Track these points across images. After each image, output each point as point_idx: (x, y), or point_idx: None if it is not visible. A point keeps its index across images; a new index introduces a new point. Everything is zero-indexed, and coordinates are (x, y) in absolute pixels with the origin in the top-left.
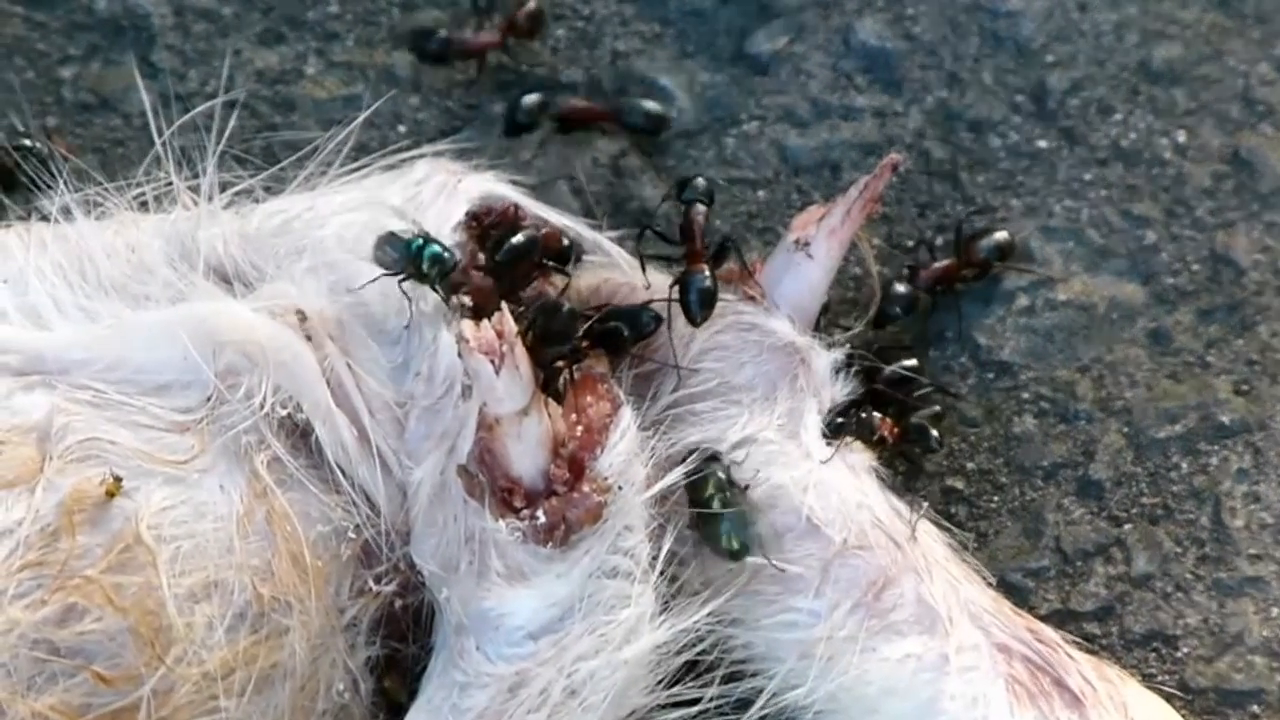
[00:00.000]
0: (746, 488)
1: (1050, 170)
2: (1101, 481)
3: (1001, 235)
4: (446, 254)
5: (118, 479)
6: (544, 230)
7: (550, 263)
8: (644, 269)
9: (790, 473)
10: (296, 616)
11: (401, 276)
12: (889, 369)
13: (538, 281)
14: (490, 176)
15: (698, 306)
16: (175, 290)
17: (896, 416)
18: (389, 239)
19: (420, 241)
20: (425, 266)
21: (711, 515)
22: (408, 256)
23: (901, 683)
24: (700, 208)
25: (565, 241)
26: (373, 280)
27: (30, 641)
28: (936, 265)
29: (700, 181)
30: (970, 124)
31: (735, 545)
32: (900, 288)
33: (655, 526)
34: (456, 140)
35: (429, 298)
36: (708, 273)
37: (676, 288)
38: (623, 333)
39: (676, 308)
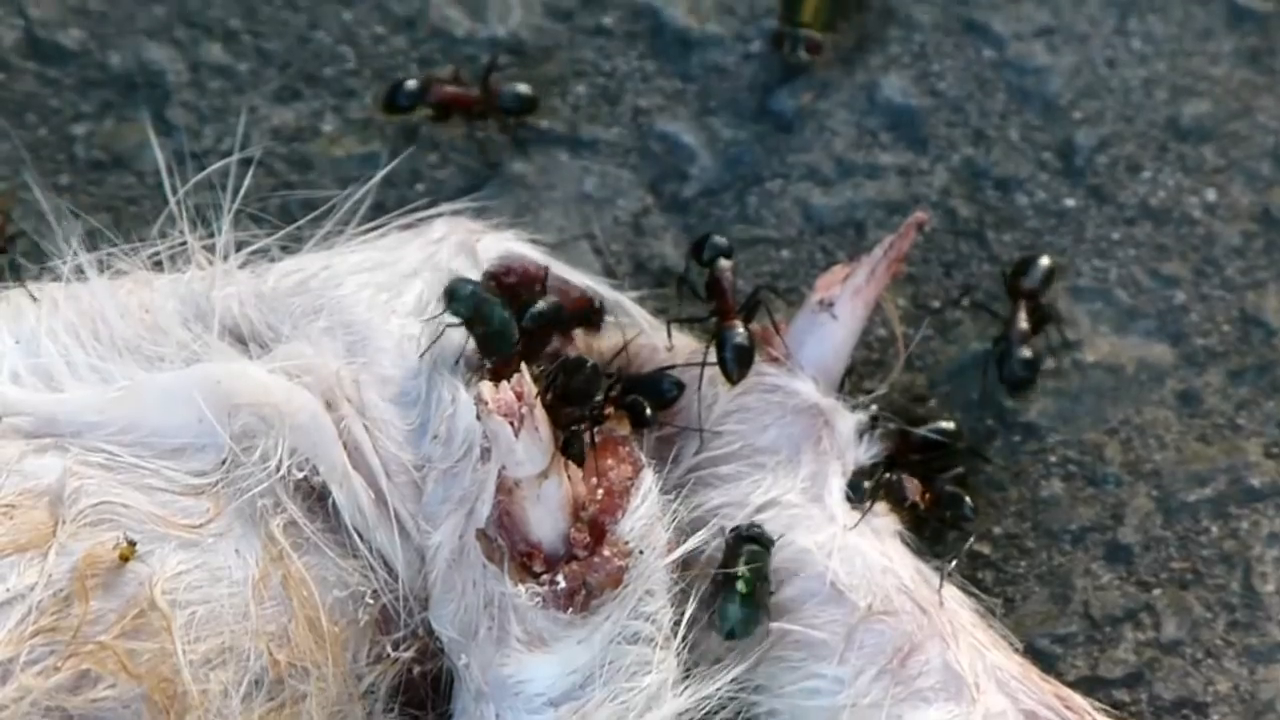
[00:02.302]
0: (774, 592)
1: (1078, 229)
2: (1130, 546)
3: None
4: (510, 330)
5: (131, 543)
6: (574, 295)
7: (575, 324)
8: (669, 332)
9: (814, 537)
10: (313, 683)
11: (460, 322)
12: (918, 432)
13: (556, 340)
14: (510, 235)
15: (734, 365)
16: (190, 351)
17: (922, 478)
18: (470, 286)
19: (504, 313)
20: (492, 331)
21: (730, 591)
22: (482, 313)
23: None
24: (726, 263)
25: (595, 304)
26: (445, 319)
27: (43, 709)
28: (1020, 320)
29: (718, 239)
30: (997, 182)
31: (730, 629)
32: (1026, 352)
33: (677, 591)
34: (475, 199)
35: (447, 358)
36: (742, 329)
37: (710, 347)
38: (644, 409)
39: (698, 369)
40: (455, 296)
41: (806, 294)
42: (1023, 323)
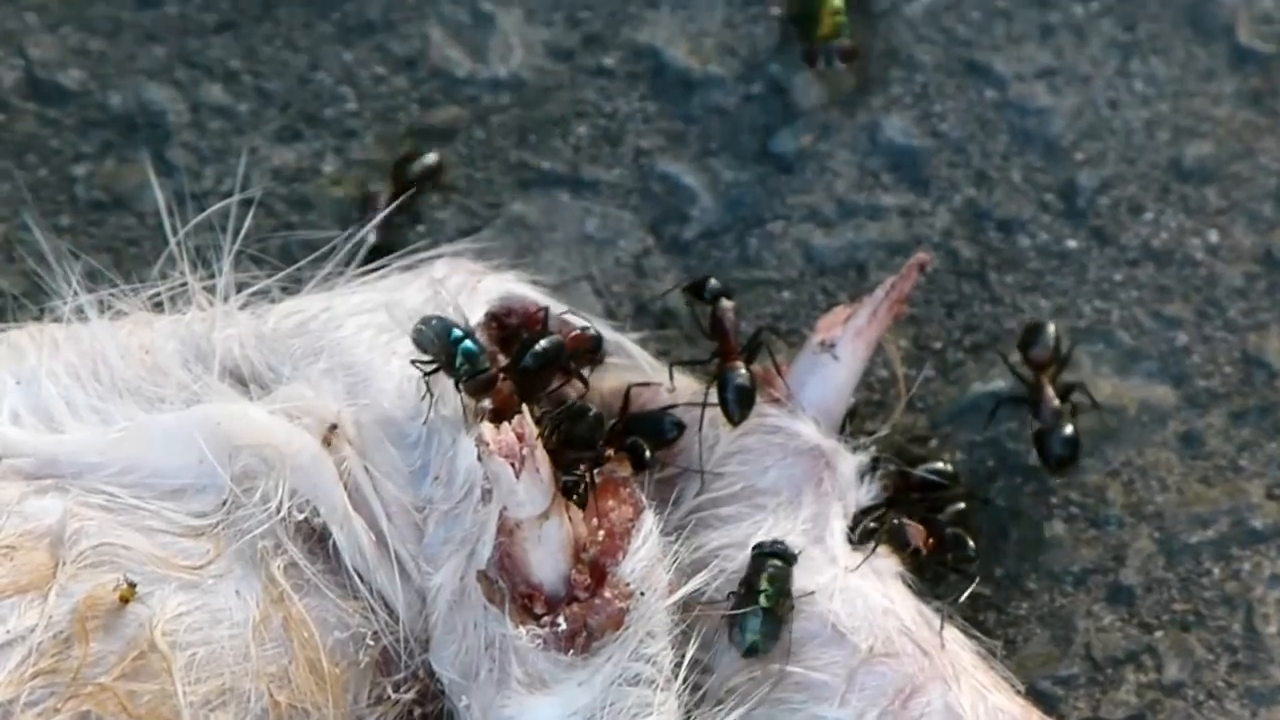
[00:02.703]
0: (794, 607)
1: (1080, 270)
2: (1132, 587)
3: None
4: (482, 357)
5: (131, 585)
6: (573, 332)
7: (574, 365)
8: (670, 374)
9: (815, 578)
10: None
11: (429, 365)
12: (918, 472)
13: (558, 382)
14: (510, 277)
15: (736, 405)
16: (190, 392)
17: (924, 521)
18: (433, 320)
19: (460, 334)
20: (457, 360)
21: (752, 606)
22: (444, 344)
23: None
24: (728, 304)
25: (595, 342)
26: (412, 363)
27: None
28: (1050, 397)
29: (714, 281)
30: (999, 223)
31: (752, 642)
32: (1067, 430)
33: (678, 633)
34: (476, 240)
35: (448, 399)
36: (744, 370)
37: (712, 388)
38: (643, 451)
39: (699, 410)
40: (419, 341)
41: (808, 335)
42: (1052, 399)
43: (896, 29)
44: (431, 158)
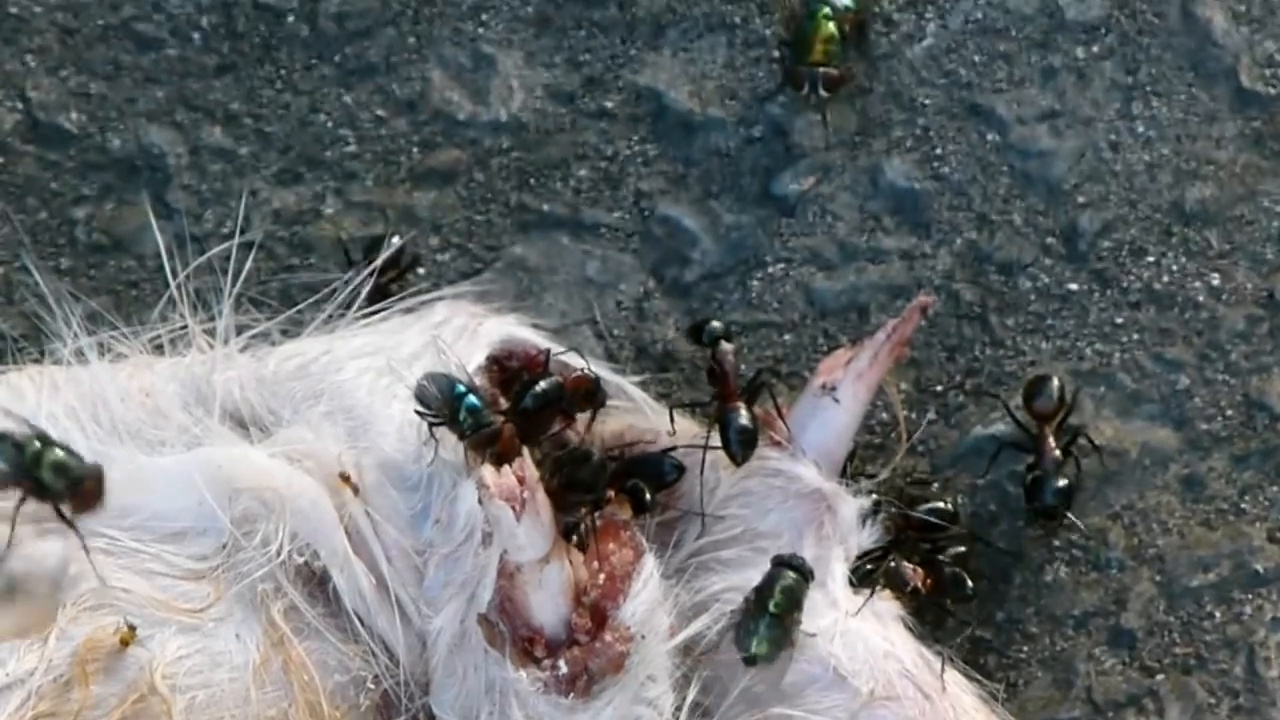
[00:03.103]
0: (800, 622)
1: (1081, 313)
2: (1134, 630)
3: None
4: (485, 411)
5: (132, 628)
6: (573, 374)
7: (573, 407)
8: (671, 417)
9: (817, 621)
10: None
11: (434, 419)
12: (917, 513)
13: (559, 425)
14: (511, 319)
15: (738, 446)
16: (190, 435)
17: (924, 561)
18: (436, 377)
19: (464, 389)
20: (461, 415)
21: (761, 612)
22: (448, 399)
23: None
24: (728, 346)
25: (596, 384)
26: (417, 413)
27: None
28: (1050, 448)
29: (715, 323)
30: (1000, 266)
31: (758, 650)
32: (1060, 481)
33: (679, 676)
34: (477, 283)
35: (448, 443)
36: (745, 411)
37: (714, 430)
38: (644, 494)
39: (699, 453)
40: (421, 397)
41: (809, 378)
42: (1053, 450)
43: (898, 71)
44: (395, 242)
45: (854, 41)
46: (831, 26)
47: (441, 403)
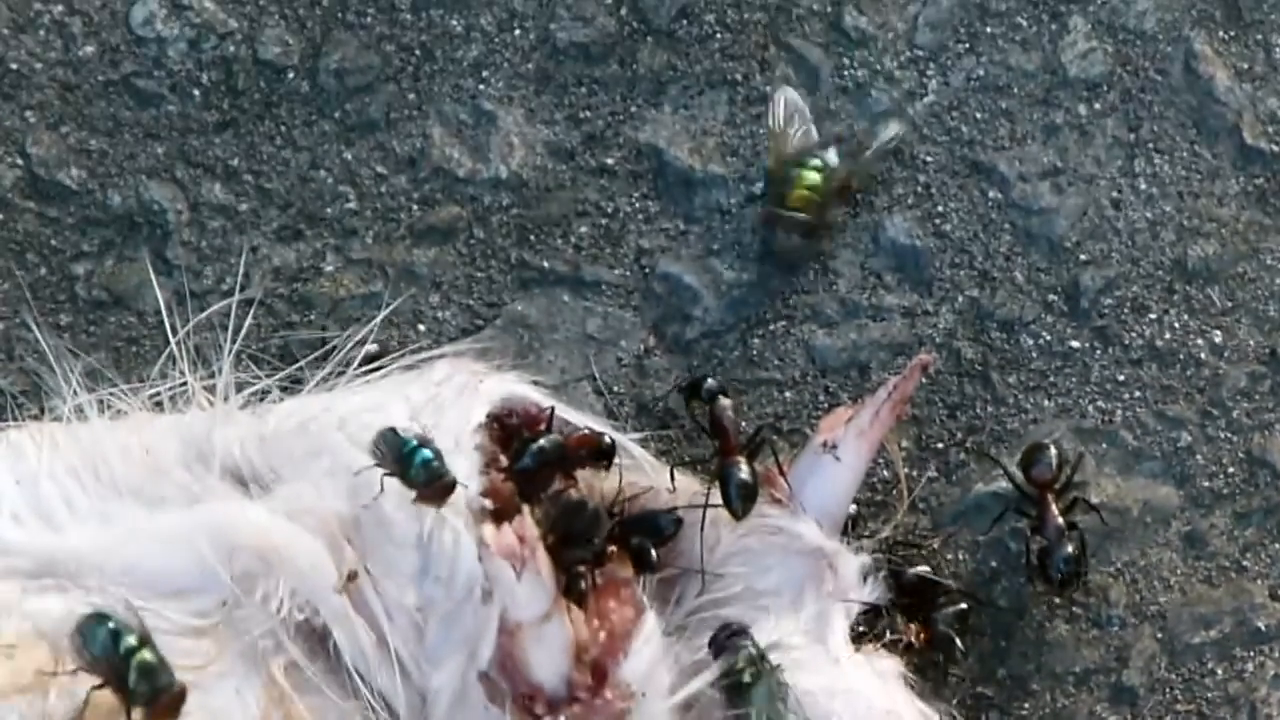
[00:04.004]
0: (778, 666)
1: (1083, 370)
2: (1135, 688)
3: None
4: (437, 464)
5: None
6: (580, 433)
7: (575, 465)
8: (672, 474)
9: (817, 679)
10: None
11: (387, 471)
12: (911, 573)
13: (559, 482)
14: (512, 377)
15: (739, 500)
16: (190, 493)
17: (926, 620)
18: (387, 435)
19: (414, 444)
20: (412, 471)
21: (744, 687)
22: (397, 457)
23: None
24: (726, 401)
25: (601, 444)
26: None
27: None
28: (1053, 515)
29: (710, 381)
30: (1002, 323)
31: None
32: (1068, 549)
33: None
34: (478, 340)
35: (449, 501)
36: (745, 465)
37: (714, 487)
38: (648, 552)
39: (700, 510)
40: (374, 453)
41: (810, 435)
42: (1056, 518)
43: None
44: (372, 349)
45: (836, 203)
46: (817, 178)
47: (391, 458)
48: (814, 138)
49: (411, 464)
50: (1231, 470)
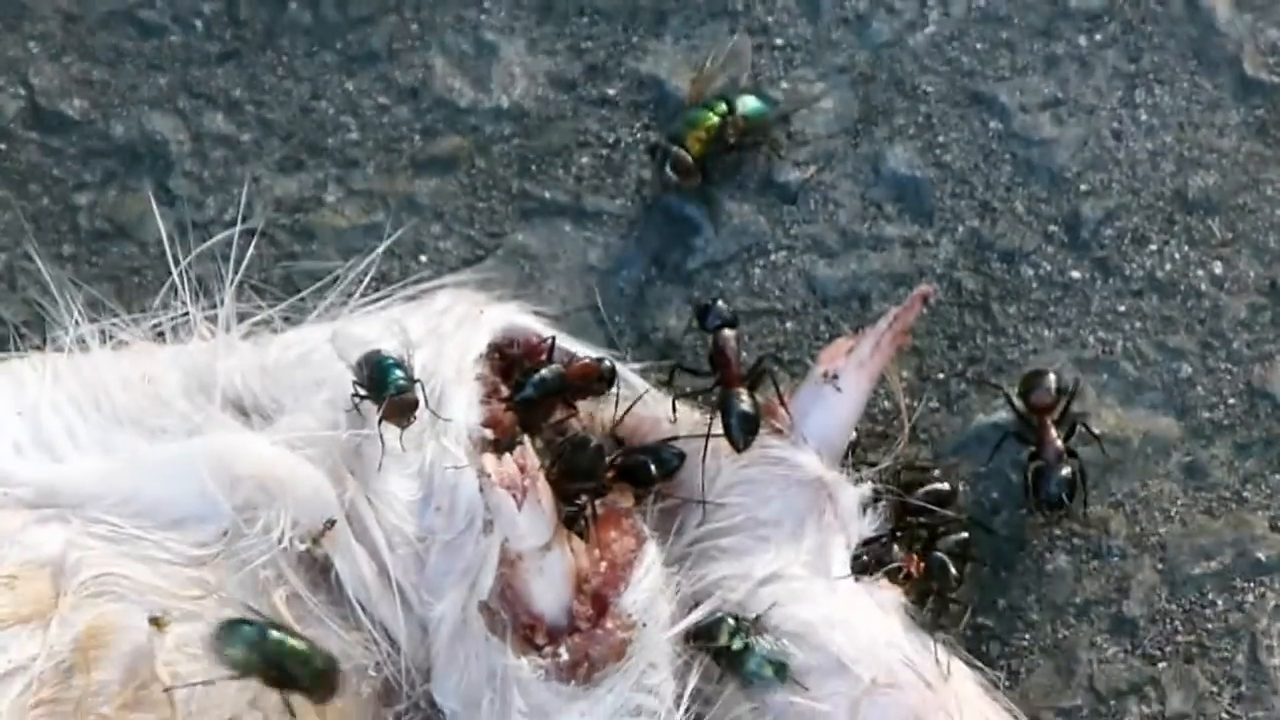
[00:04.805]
0: (758, 617)
1: (1084, 301)
2: (1135, 619)
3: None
4: (403, 380)
5: (166, 614)
6: (579, 361)
7: (576, 395)
8: (674, 407)
9: (818, 610)
10: None
11: (360, 393)
12: (914, 497)
13: (560, 412)
14: (513, 307)
15: (740, 432)
16: (192, 423)
17: (925, 549)
18: (369, 354)
19: (389, 362)
20: (386, 385)
21: (738, 654)
22: (371, 375)
23: None
24: (729, 332)
25: (601, 372)
26: (355, 396)
27: None
28: (1052, 439)
29: (721, 305)
30: (1002, 254)
31: (771, 671)
32: (1064, 471)
33: (680, 664)
34: (479, 270)
35: (450, 431)
36: (747, 397)
37: (715, 415)
38: (647, 469)
39: (702, 440)
40: (354, 370)
41: (810, 366)
42: (1055, 441)
43: (900, 59)
44: None
45: (728, 151)
46: (715, 121)
47: (366, 376)
48: (743, 83)
49: (384, 382)
50: (1232, 401)
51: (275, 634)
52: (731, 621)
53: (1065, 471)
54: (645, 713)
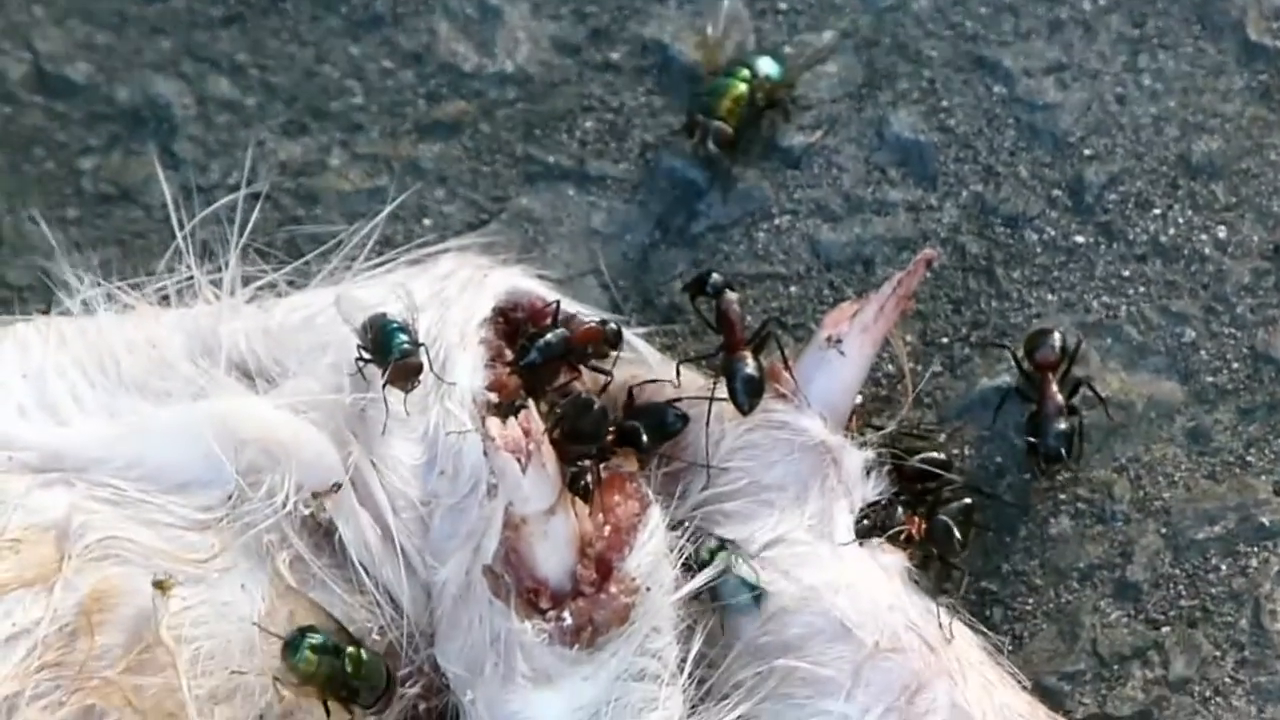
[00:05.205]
0: (733, 542)
1: (1088, 266)
2: (1139, 583)
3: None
4: (408, 345)
5: (170, 577)
6: (584, 326)
7: (580, 359)
8: (678, 369)
9: (821, 574)
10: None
11: (365, 357)
12: (914, 461)
13: (564, 376)
14: (517, 271)
15: (745, 395)
16: (196, 386)
17: (928, 514)
18: (375, 317)
19: (394, 325)
20: (387, 351)
21: (718, 576)
22: (376, 338)
23: None
24: (732, 295)
25: (606, 335)
26: (359, 361)
27: None
28: (1053, 393)
29: (717, 275)
30: (1006, 218)
31: (746, 595)
32: (1061, 424)
33: (683, 628)
34: (483, 234)
35: (454, 395)
36: (752, 360)
37: (720, 381)
38: (657, 427)
39: (706, 405)
40: (359, 333)
41: (814, 330)
42: (1056, 395)
43: (904, 24)
44: None
45: (762, 115)
46: (744, 88)
47: (371, 340)
48: (749, 47)
49: (388, 346)
50: (1235, 366)
51: (354, 651)
52: (714, 540)
53: (1063, 424)
54: (648, 676)
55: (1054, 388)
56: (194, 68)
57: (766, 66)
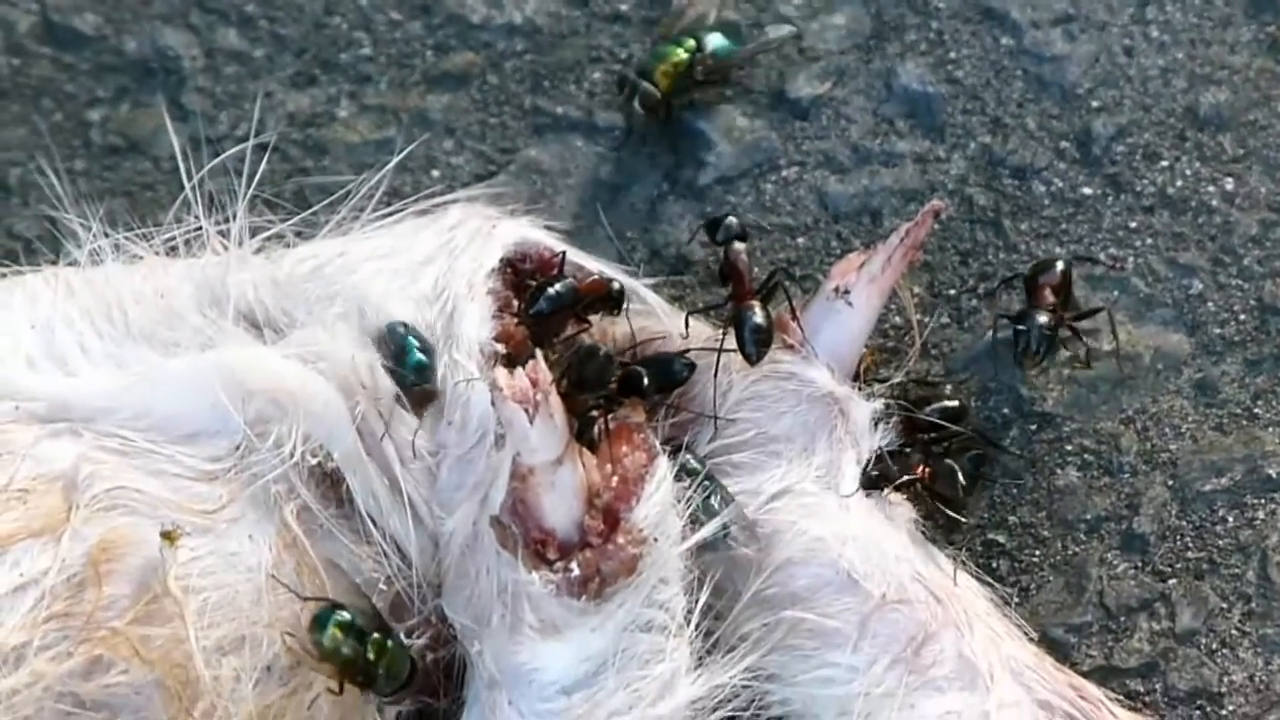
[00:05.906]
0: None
1: (1095, 218)
2: (1146, 535)
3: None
4: (427, 369)
5: (177, 527)
6: (590, 278)
7: (588, 310)
8: (686, 320)
9: (828, 525)
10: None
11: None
12: (926, 412)
13: (572, 327)
14: (525, 222)
15: (753, 345)
16: (204, 337)
17: (935, 463)
18: (395, 328)
19: (414, 345)
20: (405, 368)
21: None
22: (395, 352)
23: None
24: (740, 245)
25: (612, 288)
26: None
27: (55, 694)
28: (1046, 300)
29: (732, 220)
30: (1014, 170)
31: (705, 520)
32: (1042, 318)
33: (691, 579)
34: (491, 185)
35: (462, 345)
36: (760, 311)
37: (728, 330)
38: (656, 377)
39: (714, 355)
40: (381, 341)
41: (822, 281)
42: (1049, 299)
43: None
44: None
45: (699, 87)
46: (684, 58)
47: (391, 352)
48: (709, 20)
49: (405, 363)
50: (1243, 317)
51: (378, 638)
52: (695, 463)
53: (1044, 318)
54: (656, 628)
55: (1046, 294)
56: (202, 19)
57: (714, 42)
